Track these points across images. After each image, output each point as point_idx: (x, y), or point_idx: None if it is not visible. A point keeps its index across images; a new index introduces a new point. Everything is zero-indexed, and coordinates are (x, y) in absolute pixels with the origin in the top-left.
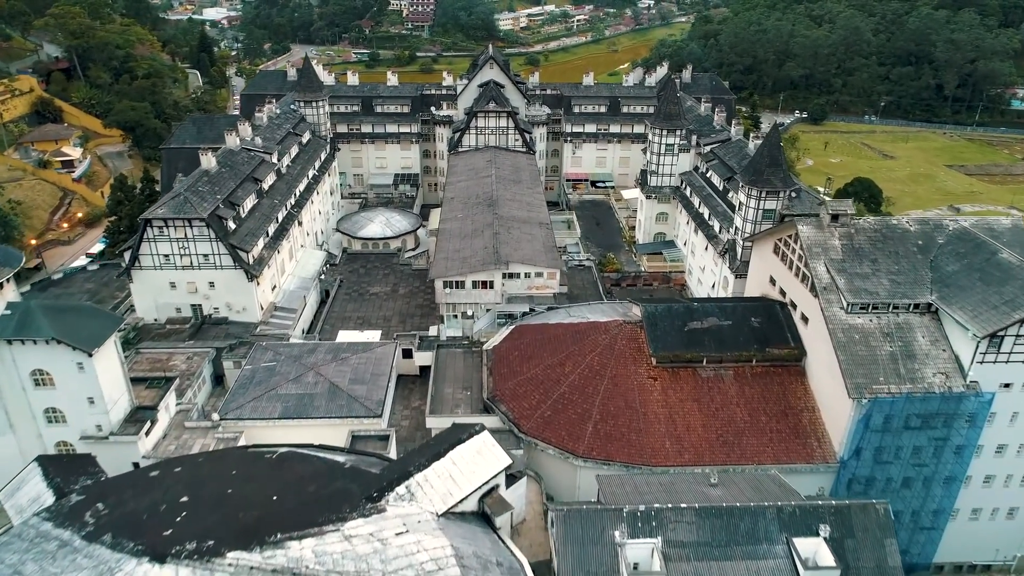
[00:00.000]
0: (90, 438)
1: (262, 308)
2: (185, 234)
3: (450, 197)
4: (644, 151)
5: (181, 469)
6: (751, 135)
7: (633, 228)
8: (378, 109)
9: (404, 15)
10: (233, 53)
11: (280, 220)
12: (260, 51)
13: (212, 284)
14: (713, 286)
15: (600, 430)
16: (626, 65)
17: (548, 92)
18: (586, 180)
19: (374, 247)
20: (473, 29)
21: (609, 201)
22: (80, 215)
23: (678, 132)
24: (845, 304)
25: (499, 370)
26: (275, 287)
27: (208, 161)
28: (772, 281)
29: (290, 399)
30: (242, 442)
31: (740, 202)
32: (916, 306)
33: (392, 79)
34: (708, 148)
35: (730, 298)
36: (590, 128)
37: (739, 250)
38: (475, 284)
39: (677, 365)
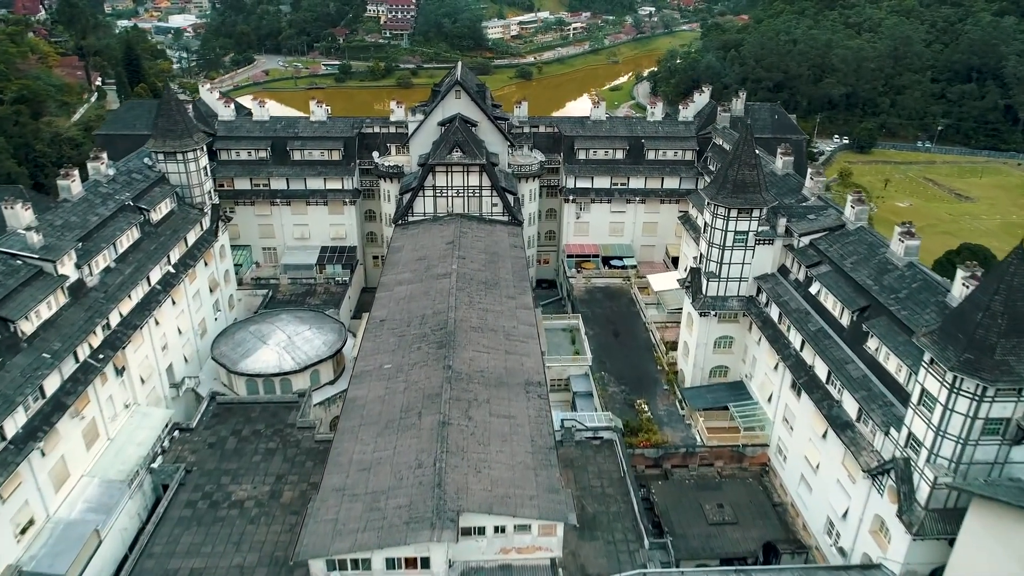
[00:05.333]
0: None
1: None
2: None
3: (378, 319)
4: (684, 221)
5: None
6: (898, 231)
7: (673, 347)
8: (296, 156)
9: (382, 22)
10: (187, 66)
11: (52, 392)
12: (219, 63)
13: None
14: (844, 516)
15: None
16: (628, 76)
17: (541, 130)
18: (596, 256)
19: (266, 387)
20: (458, 38)
21: (631, 291)
22: None
23: (755, 213)
24: None
25: None
26: (30, 524)
27: None
28: None
29: None
30: None
31: (926, 391)
32: None
33: (318, 112)
34: (808, 238)
35: None
36: (601, 182)
37: (923, 487)
38: (393, 564)
39: None
